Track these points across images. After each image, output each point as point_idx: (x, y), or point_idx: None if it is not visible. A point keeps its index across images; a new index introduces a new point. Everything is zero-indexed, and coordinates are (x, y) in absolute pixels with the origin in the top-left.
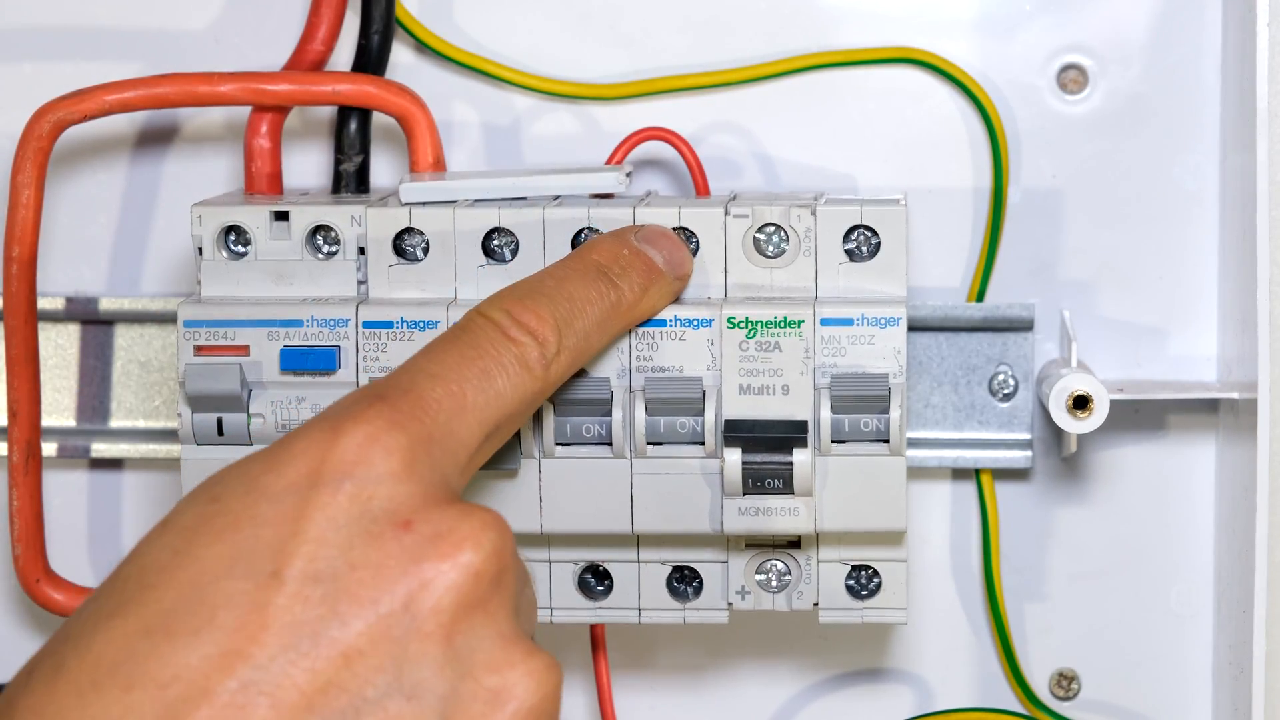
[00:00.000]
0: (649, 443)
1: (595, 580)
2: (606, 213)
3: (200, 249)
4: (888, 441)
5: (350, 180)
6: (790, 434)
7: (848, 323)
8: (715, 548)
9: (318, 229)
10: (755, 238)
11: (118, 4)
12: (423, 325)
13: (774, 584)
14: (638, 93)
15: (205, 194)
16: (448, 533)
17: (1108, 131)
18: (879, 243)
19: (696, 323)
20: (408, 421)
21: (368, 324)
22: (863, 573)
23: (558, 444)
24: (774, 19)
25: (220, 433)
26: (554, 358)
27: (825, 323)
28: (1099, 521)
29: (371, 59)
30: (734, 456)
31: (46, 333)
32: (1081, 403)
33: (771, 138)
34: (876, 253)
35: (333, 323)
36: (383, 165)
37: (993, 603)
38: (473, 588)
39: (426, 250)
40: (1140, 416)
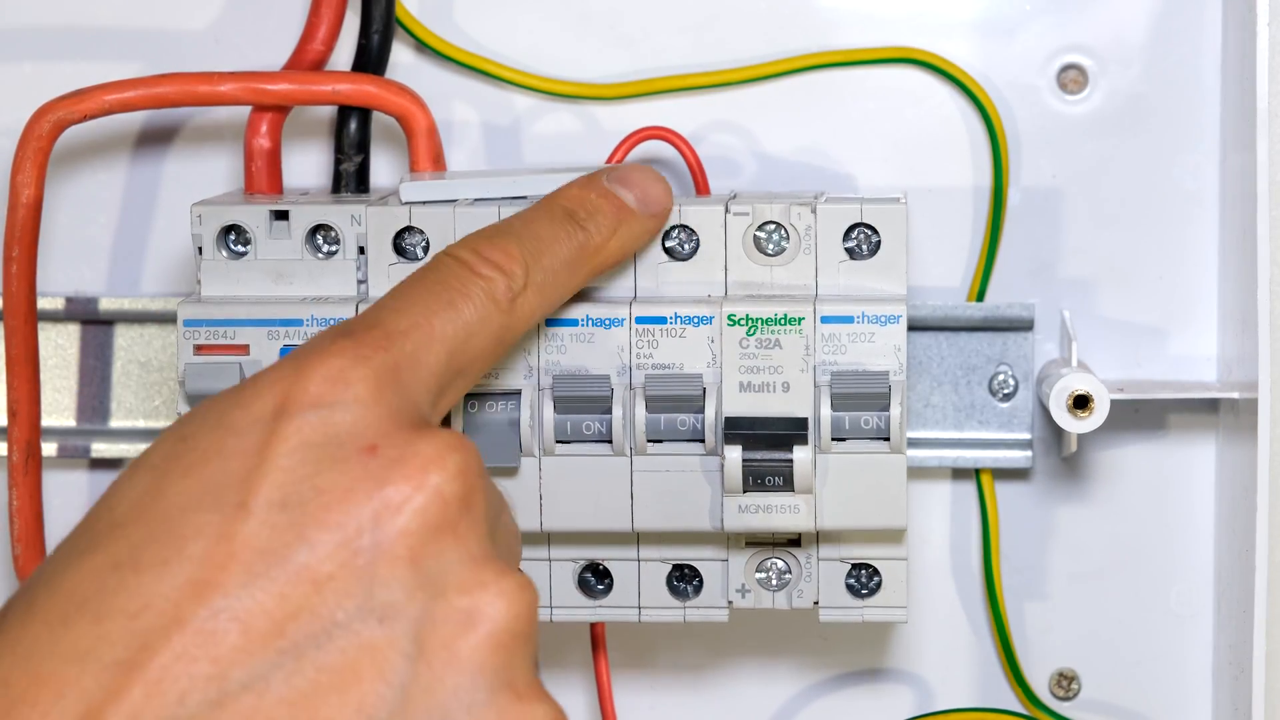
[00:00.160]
0: (649, 440)
1: (595, 579)
2: None
3: (200, 248)
4: (888, 439)
5: (350, 180)
6: (790, 431)
7: (848, 320)
8: (715, 546)
9: (318, 228)
10: (756, 236)
11: (118, 4)
12: None
13: (774, 582)
14: (638, 93)
15: (205, 194)
16: (413, 455)
17: (1108, 131)
18: (879, 241)
19: (697, 320)
20: (373, 353)
21: None
22: (863, 571)
23: (558, 442)
24: (774, 19)
25: None
26: (520, 292)
27: (825, 320)
28: (1099, 521)
29: (371, 59)
30: (734, 454)
31: (46, 333)
32: (1082, 402)
33: (771, 138)
34: (877, 251)
35: (333, 322)
36: (383, 165)
37: (993, 603)
38: (440, 509)
39: (427, 250)
40: (1140, 416)
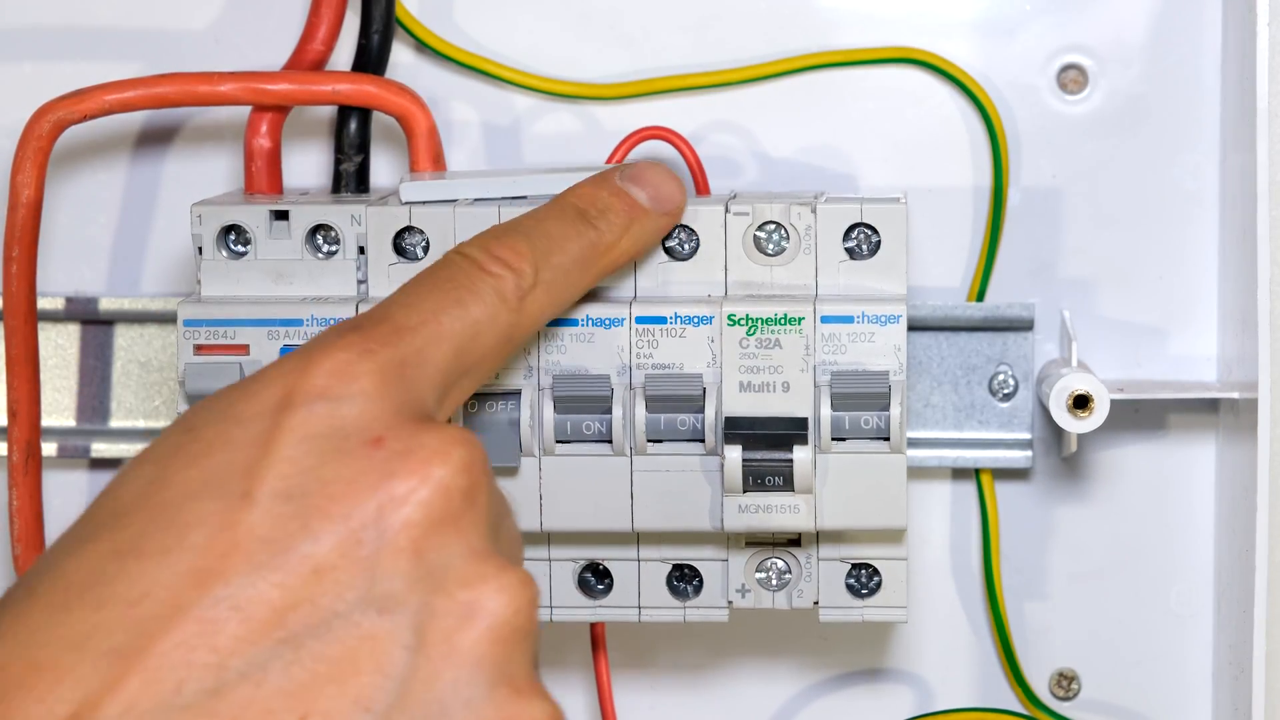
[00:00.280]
0: (649, 440)
1: (595, 579)
2: None
3: (200, 248)
4: (888, 439)
5: (350, 180)
6: (790, 431)
7: (848, 320)
8: (715, 545)
9: (318, 228)
10: (756, 235)
11: (118, 4)
12: None
13: (774, 582)
14: (638, 93)
15: (205, 194)
16: (418, 448)
17: (1108, 131)
18: (879, 241)
19: (697, 320)
20: (380, 347)
21: None
22: (863, 571)
23: (558, 442)
24: (774, 19)
25: None
26: (530, 290)
27: (825, 320)
28: (1099, 521)
29: (371, 59)
30: (734, 454)
31: (46, 333)
32: (1082, 402)
33: (771, 137)
34: (877, 251)
35: (332, 322)
36: (383, 165)
37: (993, 603)
38: (444, 503)
39: (427, 249)
40: (1140, 416)
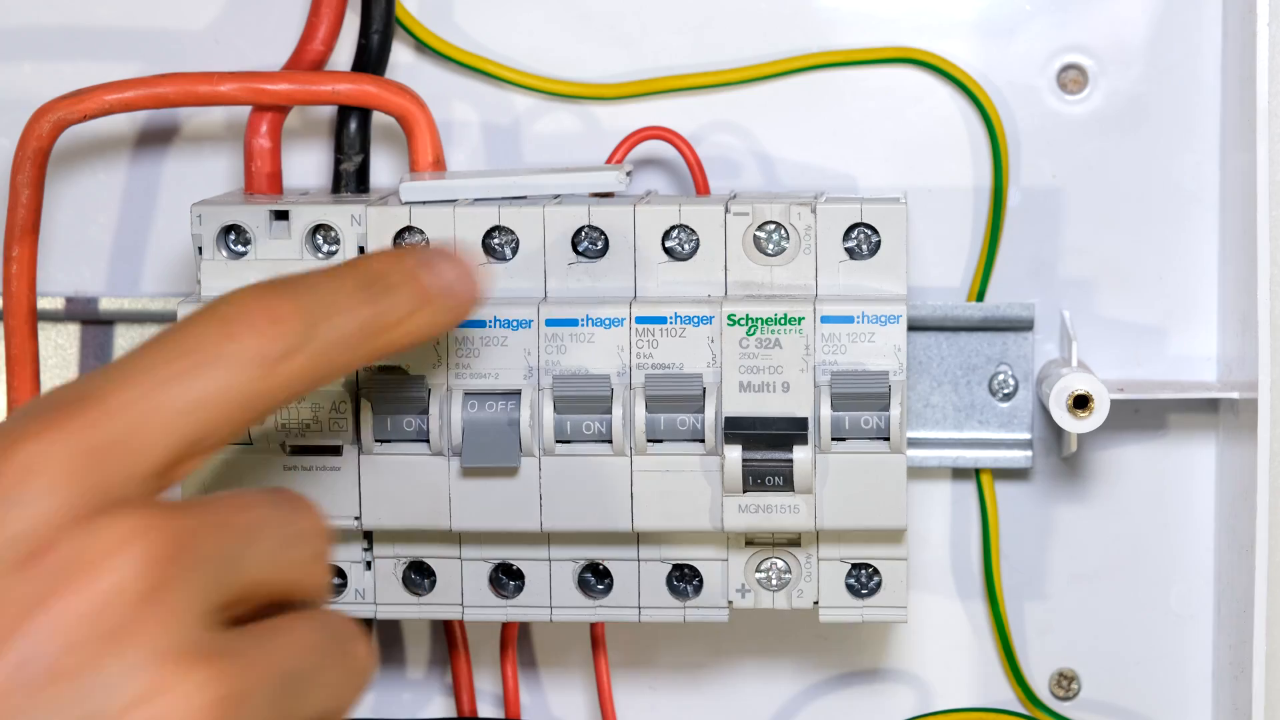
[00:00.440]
0: (649, 440)
1: (595, 579)
2: (607, 211)
3: (200, 248)
4: (888, 439)
5: (350, 180)
6: (790, 431)
7: (848, 320)
8: (715, 546)
9: (318, 228)
10: (755, 235)
11: (118, 4)
12: None
13: (774, 582)
14: (638, 93)
15: (205, 194)
16: (84, 552)
17: (1108, 131)
18: (879, 241)
19: (697, 320)
20: (78, 432)
21: None
22: (863, 571)
23: (558, 442)
24: (773, 19)
25: None
26: (288, 356)
27: (825, 320)
28: (1099, 521)
29: (371, 59)
30: (734, 454)
31: (46, 333)
32: (1082, 402)
33: (771, 138)
34: (877, 251)
35: None
36: (383, 165)
37: (993, 603)
38: (114, 613)
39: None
40: (1140, 416)
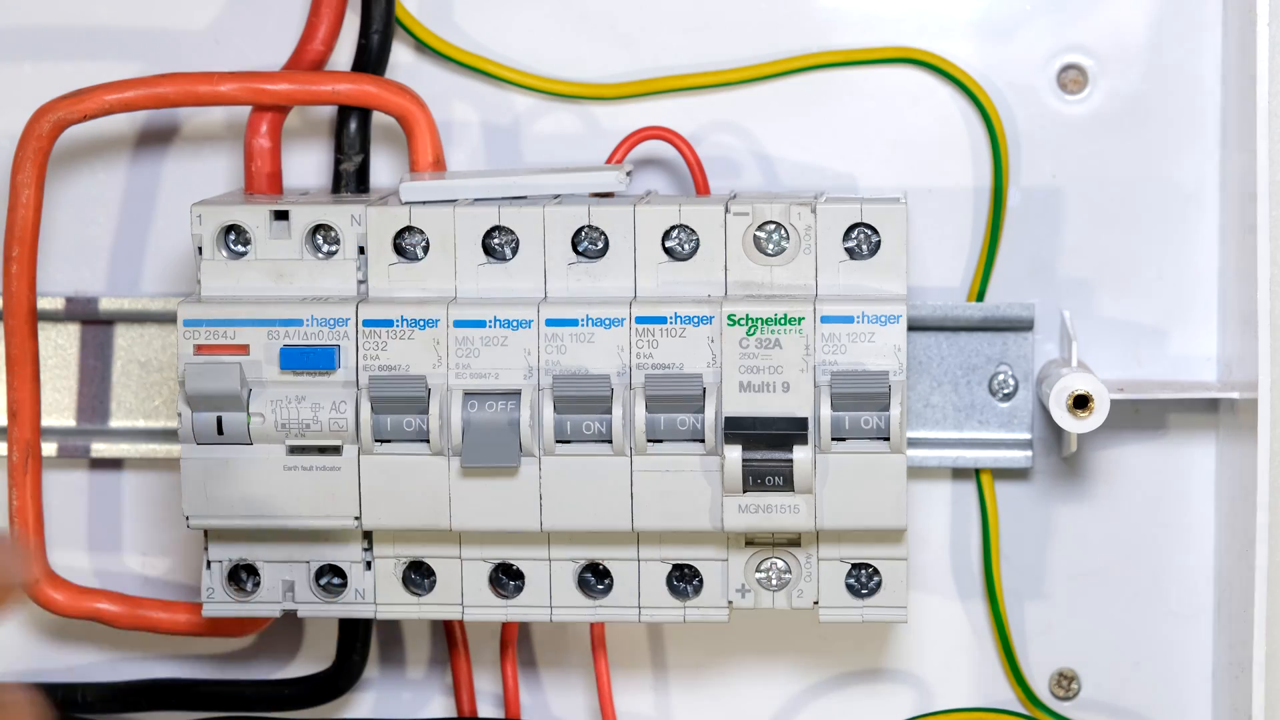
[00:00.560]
0: (649, 440)
1: (595, 579)
2: (607, 211)
3: (200, 248)
4: (888, 439)
5: (350, 180)
6: (790, 431)
7: (848, 320)
8: (715, 545)
9: (318, 228)
10: (755, 235)
11: (118, 4)
12: (423, 324)
13: (774, 582)
14: (638, 93)
15: (205, 194)
16: None
17: (1108, 131)
18: (879, 241)
19: (697, 320)
20: None
21: (368, 322)
22: (863, 571)
23: (558, 442)
24: (773, 19)
25: (220, 432)
26: None
27: (825, 320)
28: (1099, 521)
29: (371, 59)
30: (734, 454)
31: (46, 333)
32: (1082, 402)
33: (771, 138)
34: (877, 251)
35: (332, 322)
36: (383, 165)
37: (993, 603)
38: None
39: (427, 249)
40: (1140, 416)
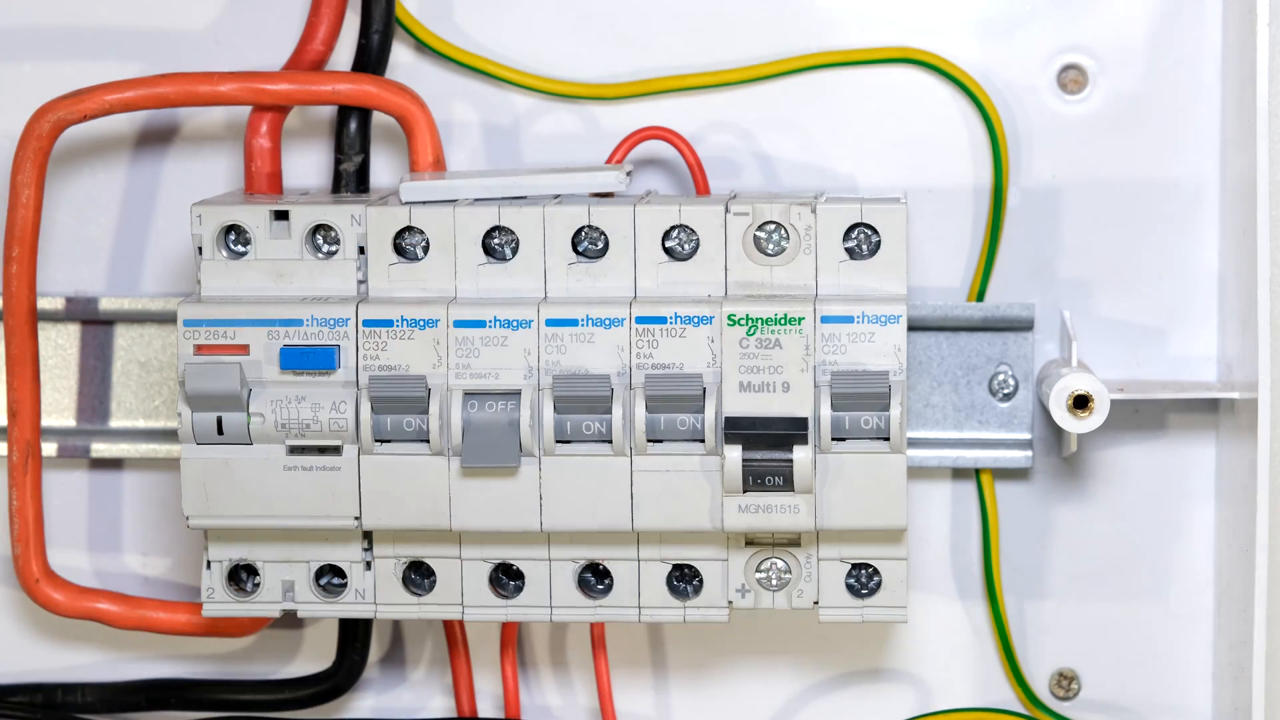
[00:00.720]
0: (649, 440)
1: (595, 579)
2: (607, 211)
3: (200, 248)
4: (888, 439)
5: (350, 180)
6: (790, 431)
7: (848, 320)
8: (715, 546)
9: (318, 228)
10: (755, 235)
11: (118, 4)
12: (423, 324)
13: (774, 582)
14: (638, 93)
15: (205, 194)
16: None
17: (1108, 131)
18: (879, 241)
19: (697, 320)
20: None
21: (368, 322)
22: (863, 571)
23: (558, 442)
24: (774, 19)
25: (220, 432)
26: None
27: (825, 320)
28: (1099, 521)
29: (371, 59)
30: (734, 454)
31: (46, 333)
32: (1082, 402)
33: (771, 138)
34: (877, 251)
35: (332, 322)
36: (383, 165)
37: (993, 603)
38: None
39: (427, 249)
40: (1140, 416)
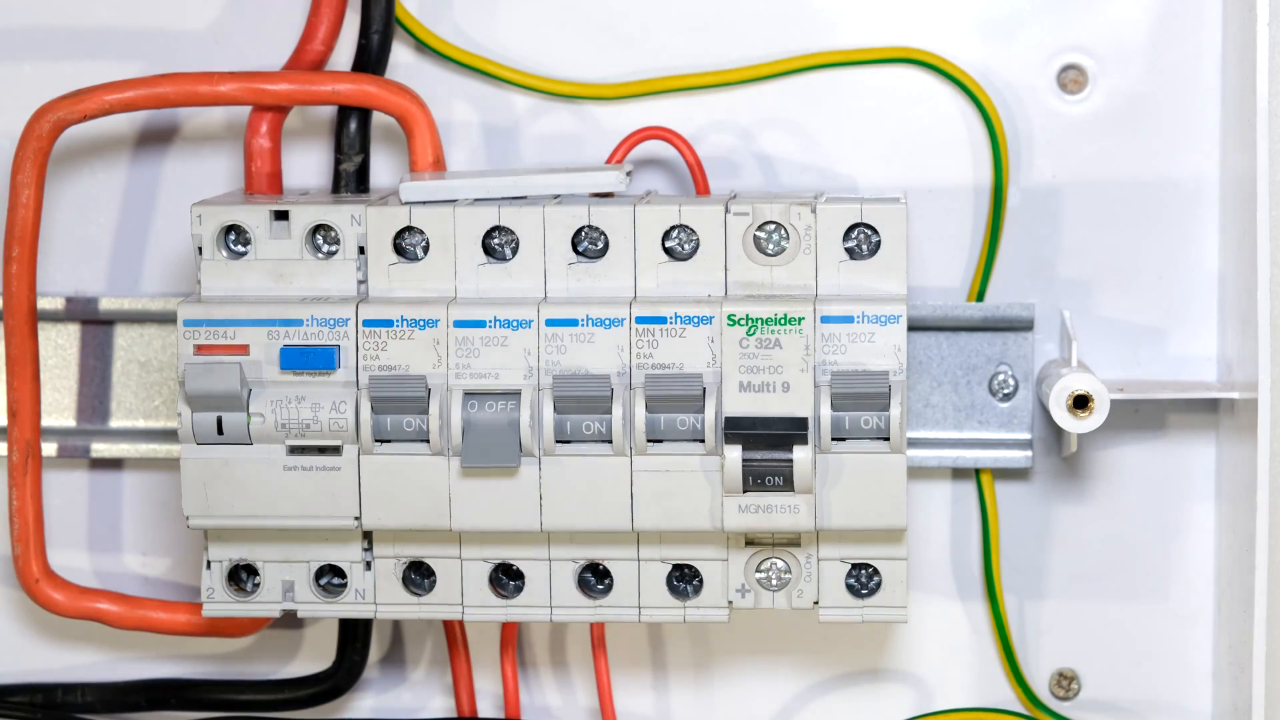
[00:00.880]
0: (649, 440)
1: (595, 579)
2: (606, 211)
3: (200, 248)
4: (888, 439)
5: (350, 180)
6: (790, 431)
7: (848, 320)
8: (715, 546)
9: (318, 228)
10: (755, 235)
11: (118, 4)
12: (423, 324)
13: (774, 582)
14: (638, 93)
15: (205, 194)
16: None
17: (1108, 131)
18: (879, 241)
19: (697, 320)
20: None
21: (368, 322)
22: (863, 571)
23: (558, 442)
24: (774, 19)
25: (220, 432)
26: None
27: (825, 320)
28: (1099, 521)
29: (371, 59)
30: (734, 454)
31: (46, 333)
32: (1082, 402)
33: (771, 138)
34: (877, 251)
35: (332, 322)
36: (383, 165)
37: (993, 603)
38: None
39: (427, 249)
40: (1140, 416)
